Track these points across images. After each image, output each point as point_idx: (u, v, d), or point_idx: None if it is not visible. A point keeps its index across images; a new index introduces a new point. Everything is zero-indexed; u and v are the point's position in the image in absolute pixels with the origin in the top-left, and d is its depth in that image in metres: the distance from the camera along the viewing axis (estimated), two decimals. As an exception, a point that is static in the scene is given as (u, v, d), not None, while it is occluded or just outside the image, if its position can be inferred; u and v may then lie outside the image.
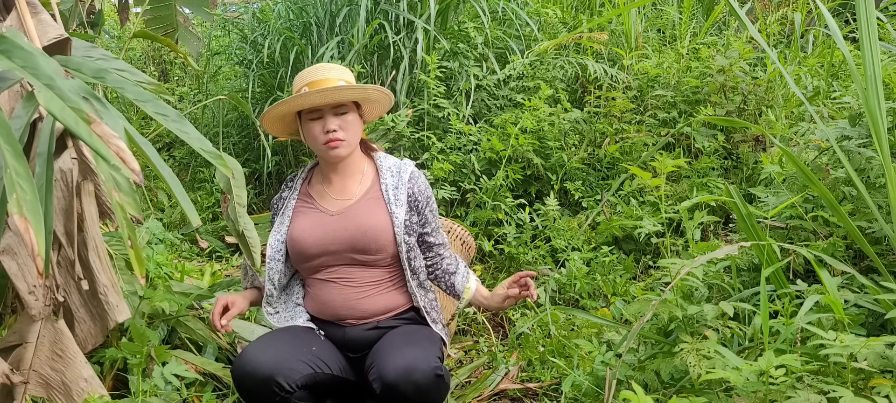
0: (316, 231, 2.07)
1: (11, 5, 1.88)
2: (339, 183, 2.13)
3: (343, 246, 2.05)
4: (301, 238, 2.07)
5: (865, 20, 2.02)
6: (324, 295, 2.08)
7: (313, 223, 2.09)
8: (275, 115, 2.12)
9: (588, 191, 3.55)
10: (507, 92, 3.93)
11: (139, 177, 1.34)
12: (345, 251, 2.05)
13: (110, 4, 5.82)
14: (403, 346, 1.89)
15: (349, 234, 2.05)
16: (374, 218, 2.06)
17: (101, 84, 1.64)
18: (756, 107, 3.54)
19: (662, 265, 1.96)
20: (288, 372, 1.88)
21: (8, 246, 1.76)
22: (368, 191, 2.12)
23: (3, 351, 1.82)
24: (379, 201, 2.10)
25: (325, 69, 2.11)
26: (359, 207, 2.09)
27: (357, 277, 2.06)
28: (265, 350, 1.91)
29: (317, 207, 2.13)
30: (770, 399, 1.59)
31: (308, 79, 2.09)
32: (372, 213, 2.07)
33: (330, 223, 2.08)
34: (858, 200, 2.19)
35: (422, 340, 1.96)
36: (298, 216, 2.14)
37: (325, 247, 2.06)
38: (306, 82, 2.09)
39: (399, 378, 1.80)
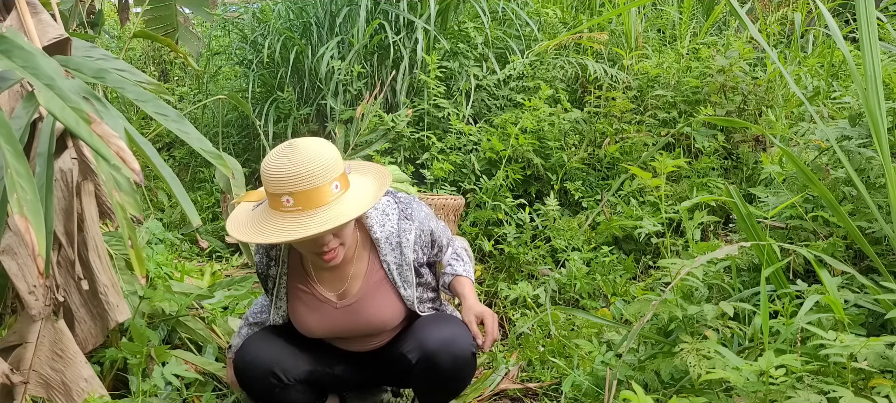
0: (323, 323, 1.96)
1: (11, 5, 1.88)
2: (335, 268, 1.93)
3: (353, 333, 1.99)
4: (305, 325, 1.98)
5: (865, 20, 2.02)
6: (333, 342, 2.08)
7: (317, 314, 1.95)
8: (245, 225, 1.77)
9: (588, 191, 3.55)
10: (507, 92, 3.93)
11: (139, 177, 1.34)
12: (357, 333, 2.00)
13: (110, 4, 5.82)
14: (443, 323, 1.91)
15: (359, 326, 1.96)
16: (385, 311, 1.95)
17: (101, 84, 1.64)
18: (756, 107, 3.54)
19: (662, 265, 1.96)
20: (287, 366, 1.91)
21: (8, 246, 1.76)
22: (370, 273, 1.94)
23: (3, 351, 1.82)
24: (385, 285, 1.94)
25: (309, 168, 1.69)
26: (365, 299, 1.94)
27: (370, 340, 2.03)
28: (266, 343, 1.94)
29: (316, 295, 1.96)
30: (770, 399, 1.59)
31: (290, 186, 1.68)
32: (382, 305, 1.94)
33: (337, 316, 1.95)
34: (858, 200, 2.19)
35: (458, 321, 1.96)
36: (297, 302, 1.97)
37: (334, 334, 1.99)
38: (288, 191, 1.69)
39: (440, 348, 1.84)
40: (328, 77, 3.87)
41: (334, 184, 1.73)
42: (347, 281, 1.94)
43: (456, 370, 1.87)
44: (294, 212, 1.70)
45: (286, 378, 1.92)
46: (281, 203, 1.71)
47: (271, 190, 1.72)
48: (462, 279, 2.03)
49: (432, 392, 1.97)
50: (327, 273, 1.94)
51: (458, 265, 2.07)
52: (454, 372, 1.88)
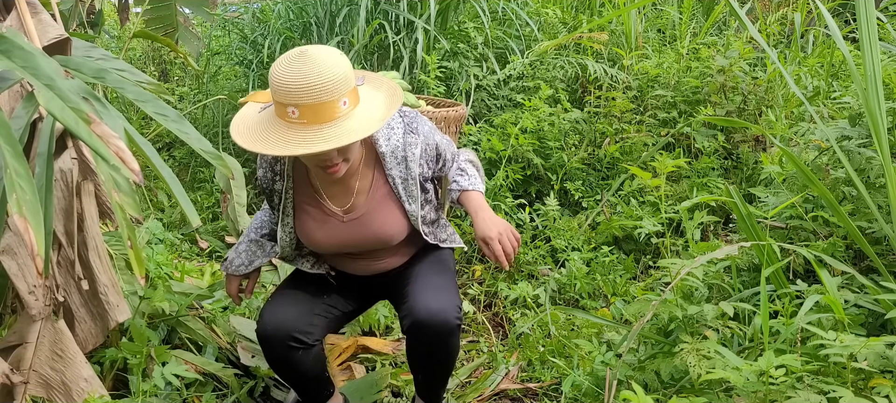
0: (330, 237, 1.96)
1: (11, 5, 1.88)
2: (341, 182, 1.94)
3: (360, 248, 2.01)
4: (313, 240, 1.99)
5: (865, 20, 2.02)
6: (339, 262, 2.10)
7: (324, 228, 1.96)
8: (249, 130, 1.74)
9: (588, 191, 3.55)
10: (507, 92, 3.93)
11: (139, 177, 1.34)
12: (363, 248, 2.02)
13: (110, 4, 5.82)
14: (436, 289, 1.93)
15: (366, 239, 1.97)
16: (390, 225, 1.95)
17: (101, 84, 1.64)
18: (756, 108, 3.54)
19: (662, 265, 1.96)
20: (307, 328, 1.96)
21: (8, 246, 1.75)
22: (375, 187, 1.94)
23: (3, 351, 1.82)
24: (389, 199, 1.95)
25: (318, 81, 1.63)
26: (370, 213, 1.94)
27: (378, 254, 2.05)
28: (284, 309, 1.97)
29: (323, 209, 1.96)
30: (770, 399, 1.59)
31: (296, 97, 1.63)
32: (387, 219, 1.95)
33: (343, 230, 1.95)
34: (858, 200, 2.19)
35: (450, 284, 1.98)
36: (304, 215, 1.97)
37: (341, 248, 2.01)
38: (294, 102, 1.64)
39: (428, 319, 1.86)
40: (328, 77, 3.87)
41: (343, 100, 1.67)
42: (353, 195, 1.93)
43: (441, 339, 1.90)
44: (299, 125, 1.66)
45: (309, 341, 1.96)
46: (286, 113, 1.66)
47: (278, 98, 1.67)
48: (469, 194, 1.99)
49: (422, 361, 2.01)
50: (333, 187, 1.93)
51: (463, 180, 2.02)
52: (439, 341, 1.90)
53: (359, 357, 2.67)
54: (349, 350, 2.64)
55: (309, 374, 2.04)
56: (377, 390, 2.40)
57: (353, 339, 2.69)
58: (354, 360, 2.64)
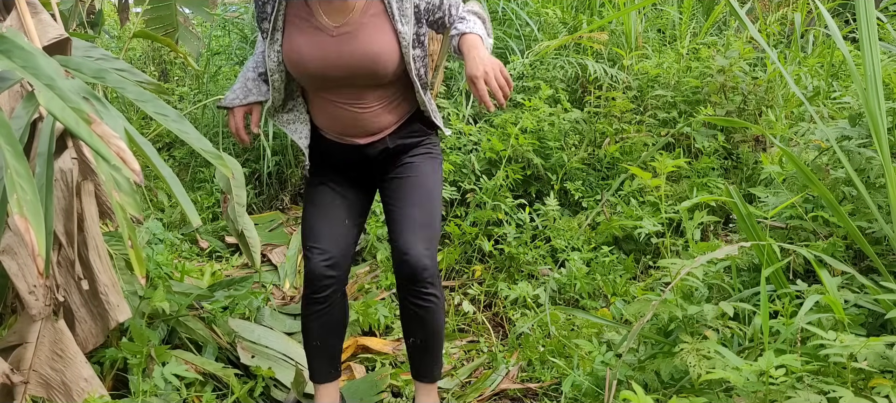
0: (315, 52, 1.93)
1: (11, 5, 1.88)
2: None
3: (346, 71, 1.95)
4: (299, 59, 1.95)
5: (865, 20, 2.02)
6: (329, 112, 2.06)
7: (312, 43, 1.93)
8: None
9: (588, 191, 3.55)
10: (507, 92, 3.92)
11: (139, 177, 1.35)
12: (348, 75, 1.96)
13: (110, 4, 5.82)
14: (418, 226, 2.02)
15: (353, 60, 1.92)
16: (379, 42, 1.91)
17: (101, 84, 1.64)
18: (756, 108, 3.54)
19: (662, 265, 1.96)
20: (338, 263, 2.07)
21: (8, 246, 1.76)
22: (369, 3, 1.92)
23: (3, 351, 1.82)
24: (382, 17, 1.92)
25: None
26: (361, 28, 1.91)
27: (363, 97, 2.01)
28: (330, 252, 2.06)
29: (313, 23, 1.93)
30: (770, 399, 1.59)
31: None
32: (375, 36, 1.91)
33: (330, 45, 1.92)
34: (858, 200, 2.19)
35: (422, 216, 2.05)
36: (294, 30, 1.95)
37: (326, 70, 1.96)
38: None
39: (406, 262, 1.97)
40: (328, 77, 3.87)
41: None
42: (348, 12, 1.92)
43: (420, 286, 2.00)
44: None
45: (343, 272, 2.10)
46: None
47: None
48: (466, 37, 1.95)
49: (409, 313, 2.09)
50: (330, 3, 1.92)
51: (462, 25, 1.98)
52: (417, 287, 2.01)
53: (359, 357, 2.67)
54: (349, 350, 2.64)
55: (338, 323, 2.14)
56: (377, 390, 2.40)
57: (353, 339, 2.69)
58: (354, 360, 2.64)
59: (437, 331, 2.11)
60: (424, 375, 2.18)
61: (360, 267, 3.40)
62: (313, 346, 2.15)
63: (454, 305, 3.03)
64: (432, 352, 2.15)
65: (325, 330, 2.13)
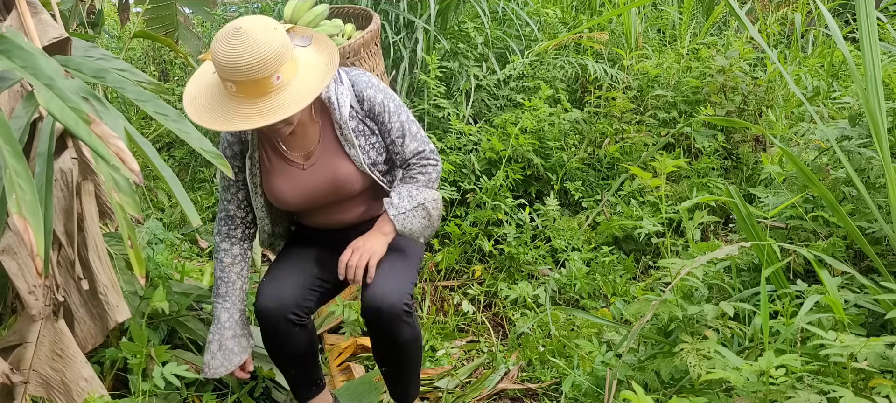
0: (295, 187, 2.01)
1: (11, 5, 1.88)
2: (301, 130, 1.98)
3: (323, 198, 2.04)
4: (280, 194, 2.03)
5: (865, 20, 2.02)
6: (311, 219, 2.15)
7: (288, 179, 2.01)
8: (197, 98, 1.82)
9: (588, 191, 3.55)
10: (507, 92, 3.92)
11: (139, 178, 1.35)
12: (326, 201, 2.05)
13: (110, 4, 5.81)
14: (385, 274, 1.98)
15: (326, 184, 2.01)
16: (340, 168, 2.00)
17: (101, 84, 1.64)
18: (756, 108, 3.54)
19: (662, 265, 1.96)
20: (304, 302, 2.03)
21: (8, 246, 1.75)
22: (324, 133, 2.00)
23: (3, 351, 1.82)
24: (336, 145, 2.00)
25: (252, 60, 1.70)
26: (325, 157, 2.00)
27: (343, 207, 2.09)
28: (282, 284, 2.03)
29: (286, 159, 2.01)
30: (770, 399, 1.59)
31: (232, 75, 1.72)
32: (338, 163, 2.00)
33: (305, 178, 2.01)
34: (858, 200, 2.19)
35: (401, 267, 2.03)
36: (270, 171, 2.03)
37: (307, 202, 2.04)
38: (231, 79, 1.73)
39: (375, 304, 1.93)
40: (328, 77, 3.87)
41: (276, 76, 1.75)
42: (309, 142, 2.01)
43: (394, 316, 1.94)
44: (237, 99, 1.77)
45: (305, 314, 2.04)
46: (225, 88, 1.78)
47: (217, 72, 1.78)
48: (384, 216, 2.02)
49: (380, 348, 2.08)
50: (292, 138, 1.99)
51: (395, 198, 2.01)
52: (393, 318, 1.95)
53: (358, 357, 2.67)
54: (348, 351, 2.64)
55: (305, 353, 2.09)
56: (376, 390, 2.40)
57: (352, 339, 2.69)
58: (354, 360, 2.64)
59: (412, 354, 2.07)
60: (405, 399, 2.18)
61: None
62: (289, 375, 2.16)
63: (454, 305, 3.03)
64: (410, 376, 2.14)
65: (294, 361, 2.12)
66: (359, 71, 2.05)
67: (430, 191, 2.06)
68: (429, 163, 2.07)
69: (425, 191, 2.05)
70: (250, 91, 1.75)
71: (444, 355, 2.69)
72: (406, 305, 1.95)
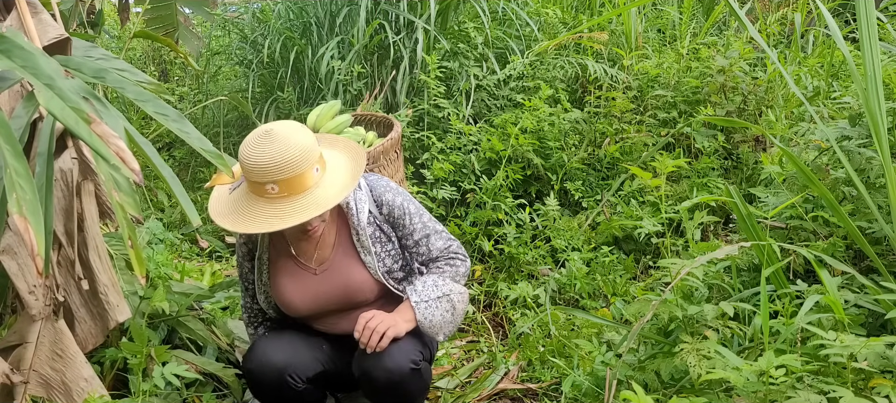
0: (305, 293, 1.98)
1: (11, 5, 1.88)
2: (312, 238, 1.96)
3: (334, 305, 2.01)
4: (289, 299, 2.00)
5: (865, 20, 2.02)
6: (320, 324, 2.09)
7: (299, 285, 1.98)
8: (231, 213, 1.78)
9: (588, 191, 3.55)
10: (507, 92, 3.92)
11: (139, 177, 1.35)
12: (336, 307, 2.01)
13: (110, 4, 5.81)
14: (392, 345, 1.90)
15: (338, 291, 1.98)
16: (356, 275, 1.97)
17: (101, 84, 1.64)
18: (756, 108, 3.54)
19: (662, 265, 1.96)
20: (299, 367, 1.94)
21: (8, 245, 1.75)
22: (339, 238, 1.99)
23: (3, 351, 1.82)
24: (351, 251, 1.98)
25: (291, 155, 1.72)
26: (339, 263, 1.98)
27: (352, 314, 2.01)
28: (277, 346, 1.95)
29: (298, 263, 2.00)
30: (770, 399, 1.59)
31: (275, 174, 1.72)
32: (352, 270, 1.97)
33: (316, 284, 1.98)
34: (858, 200, 2.19)
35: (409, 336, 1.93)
36: (280, 275, 2.00)
37: (316, 305, 2.00)
38: (273, 179, 1.73)
39: (372, 367, 1.85)
40: (328, 77, 3.87)
41: (315, 168, 1.78)
42: (324, 248, 1.98)
43: (392, 385, 1.87)
44: (280, 199, 1.75)
45: (300, 380, 1.94)
46: (265, 190, 1.75)
47: (255, 178, 1.75)
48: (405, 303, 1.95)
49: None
50: (305, 243, 1.97)
51: (419, 285, 1.95)
52: (390, 387, 1.88)
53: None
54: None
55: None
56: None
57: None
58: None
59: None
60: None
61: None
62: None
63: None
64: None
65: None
66: (376, 176, 2.04)
67: (456, 285, 2.00)
68: (457, 258, 2.04)
69: (452, 283, 1.99)
70: (294, 187, 1.74)
71: (444, 355, 2.69)
72: (413, 362, 1.87)
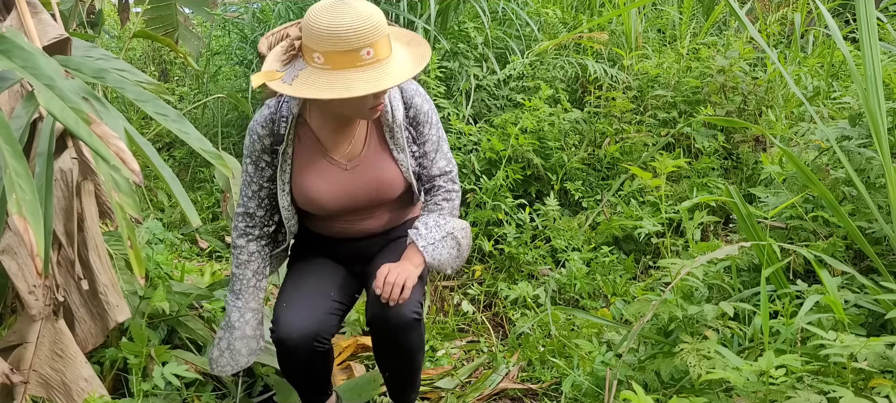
0: (336, 190, 1.94)
1: (11, 5, 1.88)
2: (351, 128, 1.93)
3: (361, 202, 1.98)
4: (316, 193, 1.94)
5: (865, 20, 2.02)
6: (332, 227, 2.06)
7: (328, 180, 1.94)
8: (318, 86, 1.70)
9: (588, 191, 3.55)
10: (507, 92, 3.92)
11: (139, 178, 1.35)
12: (362, 205, 1.99)
13: (110, 4, 5.82)
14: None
15: (367, 190, 1.96)
16: (388, 171, 1.96)
17: (101, 84, 1.64)
18: (756, 108, 3.54)
19: (662, 265, 1.96)
20: (324, 329, 1.95)
21: (8, 246, 1.76)
22: (371, 134, 1.97)
23: (3, 351, 1.82)
24: (383, 148, 1.96)
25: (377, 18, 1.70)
26: (371, 159, 1.95)
27: (371, 214, 2.03)
28: (299, 314, 1.94)
29: (327, 159, 1.94)
30: (770, 399, 1.59)
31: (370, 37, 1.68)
32: (385, 167, 1.95)
33: (346, 179, 1.94)
34: (858, 200, 2.19)
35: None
36: (307, 172, 1.94)
37: (344, 204, 1.97)
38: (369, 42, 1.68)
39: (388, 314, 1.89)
40: (328, 77, 3.86)
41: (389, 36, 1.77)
42: (356, 143, 1.95)
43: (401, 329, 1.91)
44: (372, 65, 1.70)
45: (326, 341, 1.96)
46: (360, 57, 1.69)
47: (349, 46, 1.68)
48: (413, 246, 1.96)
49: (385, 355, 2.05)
50: (338, 136, 1.93)
51: (422, 227, 1.98)
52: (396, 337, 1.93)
53: (359, 357, 2.67)
54: (349, 350, 2.64)
55: (322, 374, 2.06)
56: (374, 388, 2.40)
57: (353, 339, 2.69)
58: (354, 360, 2.64)
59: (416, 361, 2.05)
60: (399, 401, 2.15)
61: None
62: (300, 388, 2.13)
63: (454, 305, 3.03)
64: (412, 380, 2.12)
65: (310, 380, 2.07)
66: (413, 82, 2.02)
67: (458, 221, 2.03)
68: (452, 190, 2.06)
69: (453, 221, 2.02)
70: (383, 50, 1.71)
71: (444, 355, 2.69)
72: (416, 312, 1.90)
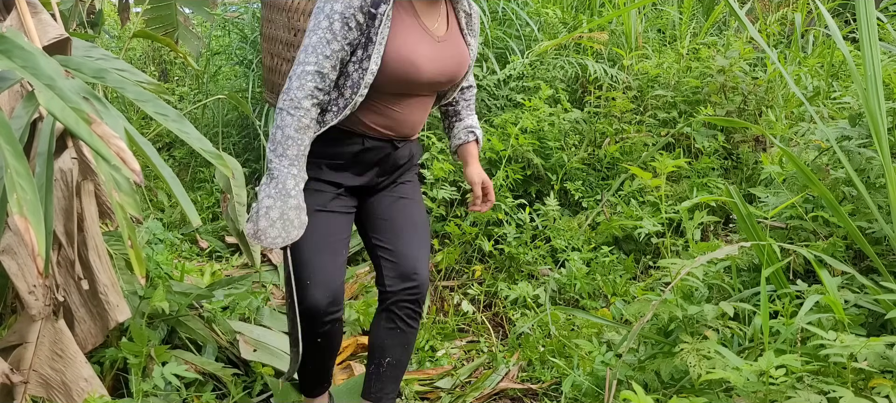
0: (431, 56, 1.93)
1: (11, 5, 1.88)
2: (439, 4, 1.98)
3: (448, 75, 2.00)
4: (417, 60, 1.90)
5: (865, 20, 2.02)
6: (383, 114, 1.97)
7: (426, 48, 1.93)
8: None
9: (588, 191, 3.55)
10: (507, 92, 3.92)
11: (139, 178, 1.34)
12: (441, 81, 2.00)
13: (110, 4, 5.82)
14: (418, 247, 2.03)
15: (451, 66, 1.99)
16: (464, 51, 2.03)
17: (101, 84, 1.64)
18: (756, 108, 3.54)
19: (662, 265, 1.96)
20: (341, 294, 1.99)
21: (8, 246, 1.75)
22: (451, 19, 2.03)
23: (3, 351, 1.82)
24: (458, 30, 2.04)
25: None
26: (453, 38, 2.01)
27: (423, 102, 2.03)
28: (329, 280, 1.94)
29: (424, 28, 1.95)
30: (770, 399, 1.59)
31: None
32: (462, 47, 2.03)
33: (438, 49, 1.96)
34: (858, 200, 2.19)
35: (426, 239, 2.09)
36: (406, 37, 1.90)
37: (435, 73, 1.95)
38: None
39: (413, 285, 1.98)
40: (328, 77, 3.87)
41: None
42: (443, 21, 2.00)
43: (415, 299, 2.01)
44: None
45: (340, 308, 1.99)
46: None
47: None
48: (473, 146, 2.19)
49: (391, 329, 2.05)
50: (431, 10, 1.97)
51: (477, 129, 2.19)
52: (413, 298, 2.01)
53: (358, 357, 2.67)
54: (348, 350, 2.64)
55: (335, 347, 2.09)
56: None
57: (353, 339, 2.69)
58: (354, 359, 2.64)
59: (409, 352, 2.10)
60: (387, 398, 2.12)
61: (360, 266, 3.40)
62: (308, 370, 2.11)
63: (454, 305, 3.03)
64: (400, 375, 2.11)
65: (322, 359, 2.09)
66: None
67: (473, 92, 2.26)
68: (474, 86, 2.25)
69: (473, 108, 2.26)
70: None
71: (444, 355, 2.69)
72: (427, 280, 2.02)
